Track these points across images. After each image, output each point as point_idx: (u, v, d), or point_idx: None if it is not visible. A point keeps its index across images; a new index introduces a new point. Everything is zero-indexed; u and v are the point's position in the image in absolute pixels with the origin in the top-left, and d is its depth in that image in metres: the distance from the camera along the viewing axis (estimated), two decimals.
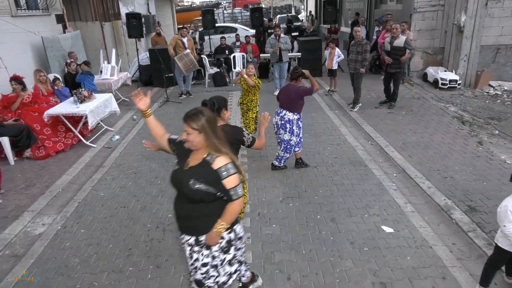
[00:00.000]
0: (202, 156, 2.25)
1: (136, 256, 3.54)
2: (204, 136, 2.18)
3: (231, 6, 33.94)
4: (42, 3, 8.56)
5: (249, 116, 5.86)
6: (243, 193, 2.30)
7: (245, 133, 3.07)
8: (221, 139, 2.26)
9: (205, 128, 2.17)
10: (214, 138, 2.21)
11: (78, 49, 9.43)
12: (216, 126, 2.27)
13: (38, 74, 6.62)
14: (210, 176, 2.19)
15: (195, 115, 2.19)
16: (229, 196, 2.23)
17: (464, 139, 5.98)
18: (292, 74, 5.05)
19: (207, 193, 2.20)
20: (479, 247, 3.45)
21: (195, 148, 2.24)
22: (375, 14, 13.15)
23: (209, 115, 2.24)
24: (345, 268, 3.28)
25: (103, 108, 6.71)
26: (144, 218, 4.18)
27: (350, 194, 4.51)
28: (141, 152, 6.11)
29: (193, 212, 2.29)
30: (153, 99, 9.56)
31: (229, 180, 2.20)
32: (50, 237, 3.92)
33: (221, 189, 2.21)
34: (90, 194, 4.81)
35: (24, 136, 5.68)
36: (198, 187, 2.18)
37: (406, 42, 7.22)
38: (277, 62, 9.27)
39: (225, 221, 2.28)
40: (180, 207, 2.35)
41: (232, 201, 2.24)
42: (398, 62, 7.30)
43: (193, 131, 2.17)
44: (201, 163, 2.24)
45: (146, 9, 14.63)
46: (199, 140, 2.19)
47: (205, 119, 2.18)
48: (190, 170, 2.25)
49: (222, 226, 2.27)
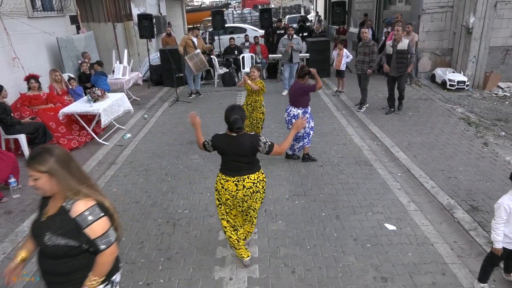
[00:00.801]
0: (59, 203, 1.86)
1: (147, 249, 3.70)
2: (56, 179, 1.80)
3: (241, 6, 34.11)
4: (57, 4, 8.81)
5: (255, 116, 5.88)
6: (115, 239, 1.91)
7: (261, 141, 3.08)
8: (82, 177, 1.88)
9: (55, 169, 1.79)
10: (70, 178, 1.82)
11: (91, 49, 9.67)
12: (72, 163, 1.88)
13: (53, 73, 6.86)
14: (68, 226, 1.81)
15: (40, 156, 1.80)
16: (95, 247, 1.84)
17: (469, 140, 6.04)
18: (299, 72, 5.35)
19: (68, 247, 1.81)
20: (479, 245, 3.54)
21: (50, 194, 1.86)
22: (383, 15, 13.18)
23: (59, 152, 1.85)
24: (348, 263, 3.40)
25: (117, 107, 6.91)
26: (155, 213, 4.34)
27: (355, 192, 4.63)
28: (152, 150, 6.30)
29: (58, 268, 1.88)
30: (163, 99, 9.77)
31: (93, 227, 1.82)
32: None
33: (84, 240, 1.83)
34: (103, 189, 4.94)
35: (40, 133, 5.89)
36: (55, 243, 1.80)
37: (409, 45, 7.09)
38: (288, 62, 9.38)
39: (97, 276, 1.89)
40: (43, 263, 1.92)
41: (101, 252, 1.85)
42: (403, 66, 7.14)
43: (41, 175, 1.79)
44: (58, 211, 1.85)
45: (157, 10, 14.86)
46: (51, 185, 1.81)
47: (55, 159, 1.80)
48: (47, 221, 1.87)
49: (94, 282, 1.89)
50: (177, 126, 7.53)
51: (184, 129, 7.30)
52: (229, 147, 3.10)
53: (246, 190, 3.14)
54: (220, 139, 3.16)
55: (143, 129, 7.42)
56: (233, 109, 3.10)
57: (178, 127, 7.46)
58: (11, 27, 7.02)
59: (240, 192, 3.14)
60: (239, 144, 3.07)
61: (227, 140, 3.12)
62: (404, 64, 7.16)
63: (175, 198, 4.67)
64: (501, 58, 9.78)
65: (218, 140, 3.17)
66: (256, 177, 3.19)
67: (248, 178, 3.15)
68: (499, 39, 9.54)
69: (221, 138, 3.16)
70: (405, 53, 7.09)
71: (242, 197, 3.16)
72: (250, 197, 3.20)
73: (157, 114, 8.44)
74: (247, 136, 3.12)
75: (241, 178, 3.13)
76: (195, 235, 3.89)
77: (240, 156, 3.10)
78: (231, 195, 3.17)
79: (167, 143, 6.58)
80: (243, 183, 3.13)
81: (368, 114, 7.58)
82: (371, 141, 6.34)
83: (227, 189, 3.16)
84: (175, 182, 5.12)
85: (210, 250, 3.65)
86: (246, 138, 3.09)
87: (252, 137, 3.11)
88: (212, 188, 4.87)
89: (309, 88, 5.20)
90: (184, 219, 4.19)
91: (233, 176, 3.14)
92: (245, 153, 3.08)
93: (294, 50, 9.22)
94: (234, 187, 3.13)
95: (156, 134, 7.10)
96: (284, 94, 9.49)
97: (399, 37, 7.15)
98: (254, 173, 3.18)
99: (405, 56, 7.11)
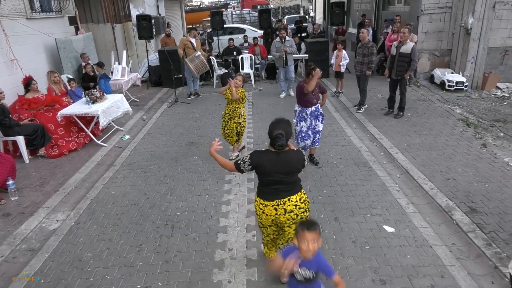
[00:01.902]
0: None
1: (146, 252, 3.70)
2: None
3: (240, 6, 34.11)
4: (56, 5, 8.81)
5: (231, 125, 5.54)
6: None
7: (304, 156, 2.93)
8: None
9: None
10: None
11: (90, 50, 9.67)
12: None
13: (52, 75, 6.85)
14: None
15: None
16: None
17: (468, 141, 6.04)
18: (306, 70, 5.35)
19: None
20: (478, 247, 3.54)
21: None
22: (382, 15, 13.20)
23: None
24: (347, 265, 3.40)
25: (115, 109, 6.90)
26: (154, 216, 4.34)
27: (354, 194, 4.63)
28: (151, 151, 6.29)
29: None
30: (162, 100, 9.76)
31: None
32: (64, 232, 4.10)
33: None
34: (102, 191, 4.99)
35: (39, 135, 5.89)
36: None
37: (413, 50, 6.83)
38: (282, 65, 9.22)
39: None
40: None
41: None
42: (403, 70, 6.96)
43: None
44: None
45: (156, 11, 14.85)
46: None
47: None
48: None
49: None
50: (176, 127, 7.53)
51: (183, 130, 7.30)
52: (273, 165, 2.79)
53: (288, 215, 2.84)
54: (262, 157, 2.85)
55: (141, 131, 7.41)
56: (277, 122, 2.82)
57: (177, 128, 7.45)
58: (10, 29, 7.02)
59: (282, 216, 2.85)
60: (285, 161, 2.80)
61: (270, 157, 2.82)
62: (404, 68, 6.94)
63: (174, 200, 4.66)
64: (499, 59, 9.79)
65: (259, 157, 2.85)
66: (298, 198, 2.88)
67: (289, 201, 2.84)
68: (498, 39, 9.55)
69: (262, 155, 2.85)
70: (407, 57, 6.85)
71: (285, 221, 2.88)
72: (294, 222, 2.88)
73: (156, 115, 8.43)
74: (293, 152, 2.86)
75: (281, 202, 2.83)
76: (193, 238, 3.88)
77: (285, 175, 2.81)
78: (271, 219, 2.91)
79: (166, 145, 6.58)
80: (283, 207, 2.83)
81: (367, 115, 7.58)
82: (370, 142, 6.34)
83: (268, 214, 2.89)
84: (174, 184, 5.11)
85: (209, 253, 3.64)
86: (292, 155, 2.84)
87: (298, 154, 2.88)
88: (211, 190, 4.90)
89: (301, 87, 5.14)
90: (182, 222, 4.18)
91: (272, 199, 2.85)
92: (292, 170, 2.83)
93: (289, 53, 9.05)
94: (274, 212, 2.85)
95: (155, 136, 7.09)
96: (282, 96, 9.41)
97: (405, 39, 6.92)
98: (295, 194, 2.88)
99: (407, 60, 6.87)
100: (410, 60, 6.89)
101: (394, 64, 7.09)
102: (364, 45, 7.54)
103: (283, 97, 9.36)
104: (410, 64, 6.91)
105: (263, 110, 8.37)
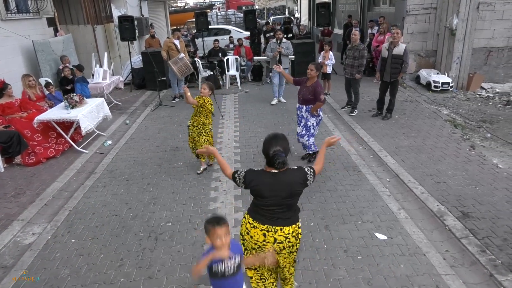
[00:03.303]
0: None
1: (127, 267, 3.49)
2: None
3: (225, 7, 33.90)
4: (33, 6, 8.47)
5: (201, 140, 5.09)
6: None
7: (308, 173, 2.53)
8: None
9: None
10: None
11: (70, 52, 9.34)
12: None
13: (26, 79, 6.54)
14: None
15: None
16: None
17: (456, 143, 6.00)
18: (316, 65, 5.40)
19: None
20: (472, 254, 3.45)
21: None
22: (368, 16, 13.20)
23: None
24: (339, 277, 3.26)
25: (96, 113, 6.64)
26: (136, 227, 4.13)
27: (344, 200, 4.50)
28: (134, 157, 6.06)
29: None
30: (146, 103, 9.51)
31: None
32: (40, 247, 3.86)
33: None
34: (81, 202, 4.75)
35: (14, 142, 5.61)
36: None
37: (405, 51, 6.71)
38: None
39: None
40: None
41: None
42: (397, 72, 6.82)
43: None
44: None
45: (139, 12, 14.54)
46: None
47: None
48: None
49: None
50: (160, 131, 7.30)
51: (167, 134, 7.08)
52: (271, 189, 2.44)
53: (276, 245, 2.51)
54: (257, 177, 2.49)
55: (124, 135, 7.16)
56: (273, 138, 2.49)
57: (161, 132, 7.23)
58: None
59: (269, 245, 2.51)
60: (284, 183, 2.44)
61: (266, 178, 2.46)
62: (398, 70, 6.80)
63: (157, 210, 4.46)
64: (483, 59, 9.87)
65: (254, 177, 2.49)
66: (292, 230, 2.53)
67: (280, 231, 2.50)
68: (482, 40, 9.62)
69: (257, 176, 2.49)
70: (400, 58, 6.71)
71: None
72: (279, 253, 2.58)
73: (139, 119, 8.18)
74: (293, 172, 2.51)
75: (273, 229, 2.49)
76: (178, 250, 3.69)
77: (284, 199, 2.46)
78: (257, 246, 2.54)
79: (150, 150, 6.35)
80: (274, 235, 2.49)
81: (355, 117, 7.49)
82: (358, 145, 6.24)
83: (253, 237, 2.53)
84: (157, 192, 4.90)
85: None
86: (293, 175, 2.49)
87: (299, 172, 2.52)
88: (197, 198, 4.71)
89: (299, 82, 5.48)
90: (166, 233, 3.99)
91: (263, 223, 2.50)
92: (293, 193, 2.49)
93: (283, 55, 8.58)
94: (262, 237, 2.50)
95: (138, 141, 6.85)
96: (273, 103, 8.75)
97: (397, 40, 6.75)
98: (290, 225, 2.53)
99: (400, 62, 6.73)
100: (403, 62, 6.76)
101: (387, 66, 6.91)
102: (355, 48, 7.38)
103: (275, 104, 8.76)
104: (402, 66, 6.80)
105: (249, 113, 8.21)
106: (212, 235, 2.19)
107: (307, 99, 5.31)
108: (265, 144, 2.50)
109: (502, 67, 9.88)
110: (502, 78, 9.94)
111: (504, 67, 9.88)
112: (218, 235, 2.17)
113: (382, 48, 7.18)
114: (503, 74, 9.94)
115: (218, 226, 2.18)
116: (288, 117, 7.72)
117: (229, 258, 2.24)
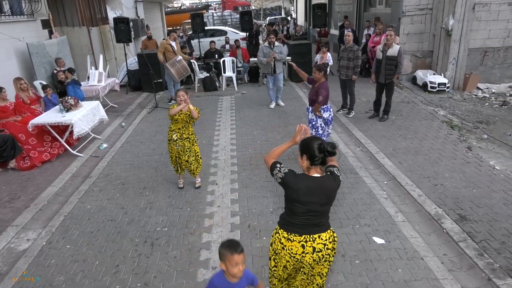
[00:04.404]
0: None
1: (123, 273, 3.45)
2: None
3: (221, 8, 33.86)
4: (27, 8, 8.40)
5: (195, 149, 4.80)
6: None
7: (338, 173, 2.46)
8: None
9: None
10: None
11: (65, 54, 9.27)
12: None
13: (18, 82, 6.45)
14: None
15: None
16: None
17: (453, 144, 6.00)
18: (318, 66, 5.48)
19: None
20: (469, 257, 3.43)
21: None
22: (364, 17, 13.20)
23: None
24: (337, 282, 3.24)
25: (92, 116, 6.59)
26: (132, 232, 4.08)
27: (341, 203, 4.48)
28: (130, 161, 6.02)
29: None
30: (142, 105, 9.45)
31: None
32: (34, 253, 3.81)
33: None
34: (76, 206, 4.70)
35: (9, 146, 5.55)
36: None
37: (399, 53, 6.73)
38: (271, 73, 8.40)
39: None
40: None
41: None
42: (392, 73, 6.84)
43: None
44: None
45: (134, 13, 14.47)
46: None
47: None
48: None
49: None
50: (156, 134, 7.26)
51: (163, 137, 7.02)
52: (309, 193, 2.33)
53: (316, 254, 2.40)
54: (297, 180, 2.36)
55: (120, 138, 7.11)
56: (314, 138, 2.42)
57: (158, 135, 7.18)
58: None
59: (308, 256, 2.40)
60: (322, 188, 2.34)
61: (307, 182, 2.35)
62: (393, 71, 6.81)
63: (154, 215, 4.42)
64: (479, 60, 9.88)
65: (295, 179, 2.37)
66: (329, 236, 2.45)
67: (319, 238, 2.40)
68: (478, 41, 9.63)
69: (298, 179, 2.37)
70: (394, 59, 6.72)
71: (311, 262, 2.43)
72: (319, 263, 2.47)
73: (135, 121, 8.13)
74: (328, 176, 2.42)
75: (311, 238, 2.38)
76: (174, 256, 3.66)
77: (322, 205, 2.38)
78: (295, 259, 2.42)
79: (146, 153, 6.31)
80: (312, 244, 2.38)
81: (352, 118, 7.48)
82: (355, 147, 6.22)
83: (291, 251, 2.41)
84: (153, 196, 4.86)
85: (191, 272, 3.42)
86: (329, 179, 2.39)
87: (333, 175, 2.42)
88: (193, 202, 4.67)
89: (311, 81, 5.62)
90: (163, 238, 3.95)
91: (301, 234, 2.39)
92: (330, 200, 2.41)
93: (277, 60, 8.29)
94: (300, 249, 2.38)
95: (134, 144, 6.81)
96: (271, 107, 8.61)
97: (391, 42, 6.75)
98: (326, 231, 2.44)
99: (394, 63, 6.74)
100: (397, 63, 6.77)
101: (382, 68, 6.92)
102: (349, 49, 7.37)
103: (273, 107, 8.60)
104: (397, 67, 6.81)
105: (246, 115, 8.18)
106: (229, 262, 2.11)
107: (312, 100, 5.45)
108: (305, 144, 2.40)
109: (498, 67, 9.91)
110: (498, 78, 9.97)
111: (500, 67, 9.90)
112: (236, 263, 2.10)
113: (377, 49, 7.18)
114: (499, 74, 9.96)
115: (237, 254, 2.10)
116: (285, 119, 7.69)
117: None
